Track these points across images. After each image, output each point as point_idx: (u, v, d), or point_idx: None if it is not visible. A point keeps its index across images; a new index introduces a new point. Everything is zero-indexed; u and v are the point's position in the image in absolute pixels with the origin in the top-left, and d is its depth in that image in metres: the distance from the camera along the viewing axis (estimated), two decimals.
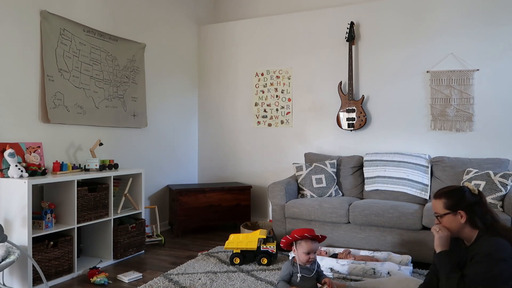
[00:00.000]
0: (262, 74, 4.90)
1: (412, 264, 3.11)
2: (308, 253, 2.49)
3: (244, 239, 3.31)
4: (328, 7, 4.64)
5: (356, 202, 3.59)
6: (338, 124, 4.38)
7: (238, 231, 4.17)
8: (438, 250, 1.99)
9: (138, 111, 4.21)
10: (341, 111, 4.36)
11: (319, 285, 2.53)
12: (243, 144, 5.01)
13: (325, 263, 3.03)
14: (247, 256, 3.31)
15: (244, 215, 4.49)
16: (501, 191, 3.31)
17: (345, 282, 2.71)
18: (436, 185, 3.76)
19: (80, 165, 3.42)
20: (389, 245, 3.36)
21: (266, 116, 4.87)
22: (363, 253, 3.30)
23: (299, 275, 2.47)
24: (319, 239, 2.54)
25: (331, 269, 3.01)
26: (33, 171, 2.92)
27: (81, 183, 3.28)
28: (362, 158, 4.15)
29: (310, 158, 4.35)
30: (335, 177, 4.05)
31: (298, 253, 2.53)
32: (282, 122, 4.79)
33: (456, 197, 1.98)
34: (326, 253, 3.34)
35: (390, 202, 3.57)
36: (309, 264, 2.52)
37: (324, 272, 2.66)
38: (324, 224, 3.61)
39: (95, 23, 3.74)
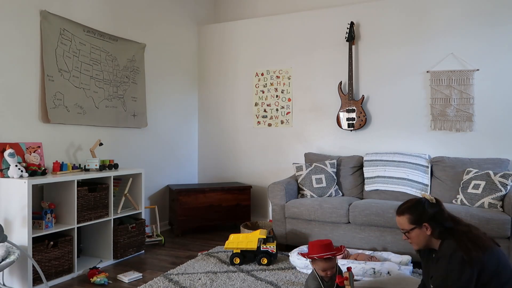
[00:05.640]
0: (262, 74, 4.90)
1: (412, 264, 3.11)
2: (325, 270, 2.39)
3: (244, 239, 3.31)
4: (328, 7, 4.64)
5: (356, 202, 3.59)
6: (338, 124, 4.38)
7: (238, 231, 4.17)
8: None
9: (138, 111, 4.21)
10: (341, 111, 4.36)
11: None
12: (243, 144, 5.01)
13: None
14: (247, 256, 3.31)
15: (244, 215, 4.49)
16: (501, 191, 3.31)
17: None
18: (436, 185, 3.76)
19: (80, 165, 3.42)
20: (389, 245, 3.36)
21: (266, 116, 4.87)
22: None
23: None
24: (335, 254, 2.40)
25: None
26: (33, 171, 2.92)
27: (81, 183, 3.28)
28: (362, 158, 4.15)
29: (310, 158, 4.35)
30: (335, 177, 4.05)
31: (315, 268, 2.43)
32: (282, 122, 4.79)
33: (418, 211, 2.05)
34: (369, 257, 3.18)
35: (390, 202, 3.57)
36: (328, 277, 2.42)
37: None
38: (324, 224, 3.61)
39: (95, 23, 3.74)
